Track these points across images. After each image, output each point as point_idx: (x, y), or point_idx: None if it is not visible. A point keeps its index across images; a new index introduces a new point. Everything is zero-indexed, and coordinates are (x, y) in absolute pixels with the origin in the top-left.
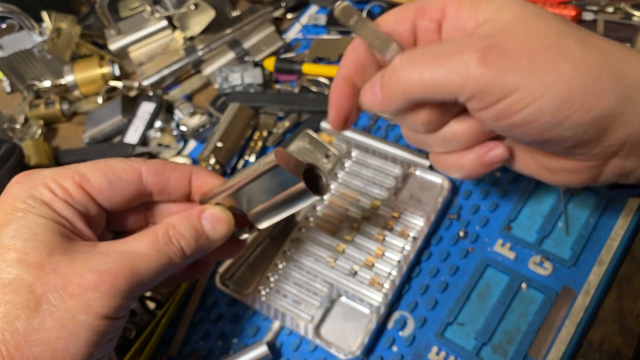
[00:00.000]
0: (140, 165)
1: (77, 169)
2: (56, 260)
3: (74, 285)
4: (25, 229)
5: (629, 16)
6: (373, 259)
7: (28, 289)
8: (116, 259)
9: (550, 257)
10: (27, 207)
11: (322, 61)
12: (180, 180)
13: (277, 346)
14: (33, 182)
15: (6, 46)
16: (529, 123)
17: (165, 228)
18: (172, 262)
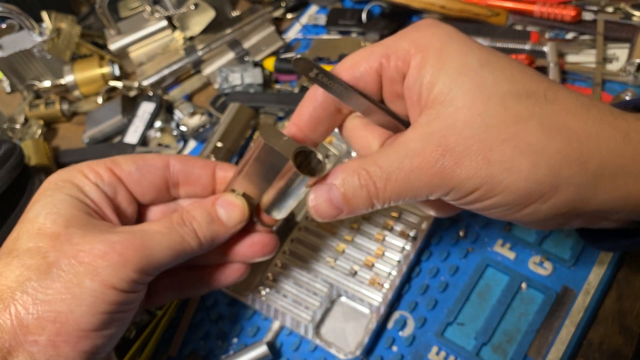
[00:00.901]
0: (168, 155)
1: (110, 158)
2: (72, 232)
3: (84, 253)
4: (49, 205)
5: (629, 16)
6: (373, 259)
7: (42, 255)
8: (128, 234)
9: (550, 257)
10: (56, 186)
11: (322, 61)
12: (204, 169)
13: (277, 346)
14: (69, 170)
15: (6, 46)
16: (491, 208)
17: (180, 212)
18: (186, 242)
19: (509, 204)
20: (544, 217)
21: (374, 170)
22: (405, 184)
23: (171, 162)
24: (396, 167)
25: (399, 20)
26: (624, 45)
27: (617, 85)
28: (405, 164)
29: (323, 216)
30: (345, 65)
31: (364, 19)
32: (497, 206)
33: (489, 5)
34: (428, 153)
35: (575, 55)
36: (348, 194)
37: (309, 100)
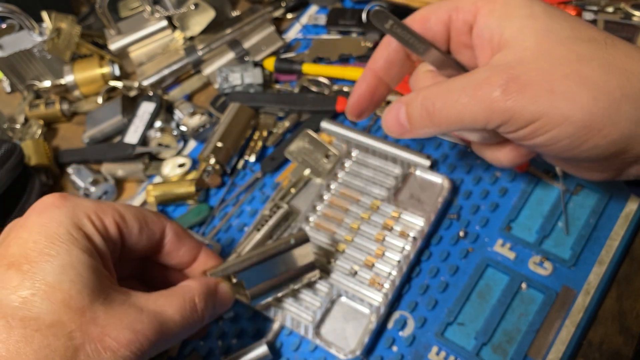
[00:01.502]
0: (166, 221)
1: (117, 207)
2: (96, 308)
3: (110, 339)
4: (70, 268)
5: (629, 16)
6: (373, 259)
7: (68, 336)
8: (150, 320)
9: (550, 257)
10: (71, 239)
11: (322, 61)
12: (191, 250)
13: (277, 346)
14: (75, 211)
15: (6, 46)
16: (548, 145)
17: (191, 295)
18: (191, 329)
19: (568, 138)
20: (602, 156)
21: (436, 91)
22: (465, 106)
23: (167, 230)
24: (459, 89)
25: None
26: None
27: None
28: (469, 87)
29: (390, 131)
30: (416, 17)
31: (364, 19)
32: (557, 140)
33: None
34: (493, 79)
35: None
36: (410, 111)
37: (383, 47)
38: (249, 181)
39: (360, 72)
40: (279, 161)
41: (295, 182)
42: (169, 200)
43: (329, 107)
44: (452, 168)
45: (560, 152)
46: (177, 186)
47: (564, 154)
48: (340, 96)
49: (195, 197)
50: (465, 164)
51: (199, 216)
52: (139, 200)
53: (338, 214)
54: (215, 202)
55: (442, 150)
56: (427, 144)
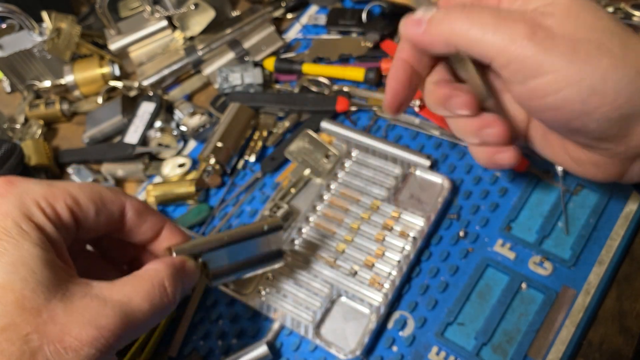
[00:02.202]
0: (125, 198)
1: (70, 190)
2: (54, 306)
3: (71, 338)
4: (21, 265)
5: (629, 16)
6: (373, 259)
7: (23, 339)
8: (115, 312)
9: (550, 257)
10: (20, 232)
11: (322, 61)
12: (154, 226)
13: (277, 346)
14: (23, 199)
15: (6, 46)
16: (558, 108)
17: (160, 279)
18: (162, 314)
19: (580, 101)
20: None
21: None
22: (488, 30)
23: (127, 208)
24: (487, 14)
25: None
26: None
27: None
28: (499, 17)
29: (404, 26)
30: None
31: (364, 19)
32: (568, 102)
33: None
34: (524, 19)
35: None
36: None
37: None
38: (249, 181)
39: (360, 72)
40: (279, 161)
41: (295, 182)
42: (169, 200)
43: (329, 107)
44: (452, 168)
45: (569, 121)
46: (177, 186)
47: (572, 123)
48: (340, 96)
49: (195, 197)
50: (465, 164)
51: (199, 216)
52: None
53: (338, 214)
54: (215, 202)
55: (442, 150)
56: (427, 144)
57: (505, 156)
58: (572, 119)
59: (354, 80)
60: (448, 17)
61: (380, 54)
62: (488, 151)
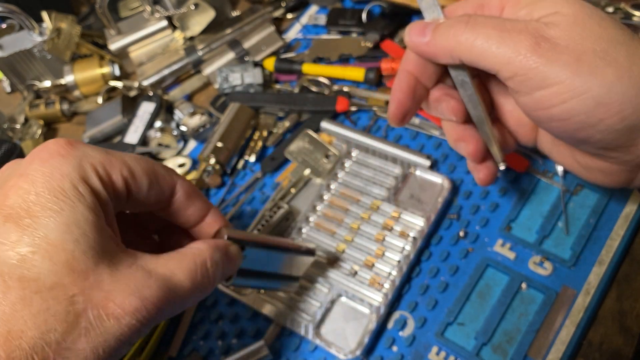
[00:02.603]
0: (177, 178)
1: (126, 160)
2: (101, 271)
3: (115, 305)
4: (75, 227)
5: (629, 16)
6: (373, 259)
7: (69, 300)
8: (159, 285)
9: (550, 257)
10: (76, 194)
11: (322, 61)
12: (200, 210)
13: (277, 346)
14: (82, 162)
15: (6, 46)
16: (564, 119)
17: (203, 259)
18: (201, 294)
19: (585, 113)
20: (616, 142)
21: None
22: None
23: (177, 188)
24: (500, 22)
25: (399, 20)
26: None
27: None
28: (505, 25)
29: (409, 35)
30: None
31: (364, 19)
32: (573, 114)
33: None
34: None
35: None
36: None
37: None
38: (249, 181)
39: (360, 72)
40: (279, 161)
41: (295, 182)
42: None
43: (329, 107)
44: (452, 168)
45: (574, 132)
46: None
47: (578, 134)
48: (340, 96)
49: None
50: (465, 164)
51: None
52: None
53: (338, 214)
54: (215, 202)
55: (442, 150)
56: (427, 144)
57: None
58: (577, 130)
59: (354, 80)
60: (453, 28)
61: (380, 54)
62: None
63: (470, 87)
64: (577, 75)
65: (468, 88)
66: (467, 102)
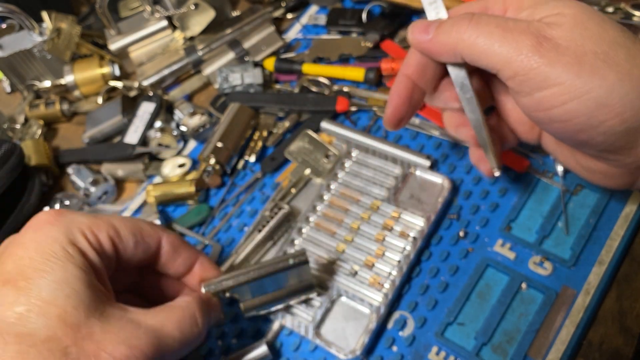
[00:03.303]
0: (162, 233)
1: (112, 223)
2: (92, 324)
3: (106, 354)
4: (65, 284)
5: (629, 16)
6: (373, 259)
7: (63, 351)
8: (147, 336)
9: (550, 257)
10: (65, 255)
11: (322, 61)
12: (187, 260)
13: (277, 346)
14: (70, 227)
15: (6, 46)
16: (565, 120)
17: (192, 311)
18: (191, 344)
19: (586, 114)
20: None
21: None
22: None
23: (163, 242)
24: (502, 22)
25: (399, 20)
26: None
27: None
28: (508, 24)
29: (412, 32)
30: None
31: (364, 19)
32: (574, 115)
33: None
34: (530, 31)
35: None
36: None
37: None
38: (249, 181)
39: (360, 72)
40: (279, 161)
41: (295, 182)
42: (169, 201)
43: (329, 107)
44: (452, 168)
45: (575, 133)
46: (177, 186)
47: (579, 136)
48: (340, 96)
49: (195, 197)
50: (465, 164)
51: (199, 216)
52: (139, 201)
53: (338, 214)
54: (215, 202)
55: (442, 150)
56: (427, 144)
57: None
58: (578, 132)
59: (354, 80)
60: (456, 25)
61: (380, 54)
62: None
63: (469, 90)
64: (578, 76)
65: (467, 91)
66: (466, 105)
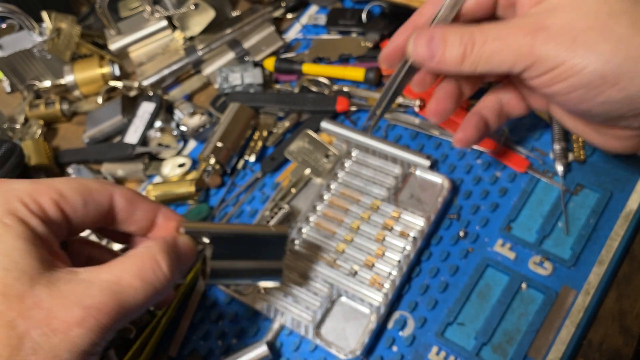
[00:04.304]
0: (113, 188)
1: (54, 185)
2: (38, 292)
3: (58, 320)
4: (4, 256)
5: None
6: (373, 259)
7: (9, 325)
8: (103, 292)
9: (550, 257)
10: (3, 226)
11: (322, 61)
12: (147, 213)
13: (277, 346)
14: (7, 196)
15: (6, 46)
16: (565, 93)
17: (151, 254)
18: (158, 292)
19: (584, 87)
20: (618, 112)
21: (477, 32)
22: (498, 48)
23: (115, 197)
24: (495, 32)
25: (399, 20)
26: None
27: None
28: (503, 31)
29: (418, 53)
30: None
31: (364, 19)
32: (573, 88)
33: None
34: (525, 26)
35: None
36: (447, 39)
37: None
38: (249, 181)
39: (360, 72)
40: (279, 161)
41: (295, 182)
42: (169, 200)
43: (329, 107)
44: (452, 168)
45: (577, 103)
46: (177, 186)
47: (580, 106)
48: (340, 96)
49: (195, 197)
50: (465, 164)
51: (199, 216)
52: None
53: (338, 214)
54: (215, 202)
55: (442, 150)
56: (427, 144)
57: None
58: (578, 103)
59: (354, 80)
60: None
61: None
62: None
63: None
64: (574, 54)
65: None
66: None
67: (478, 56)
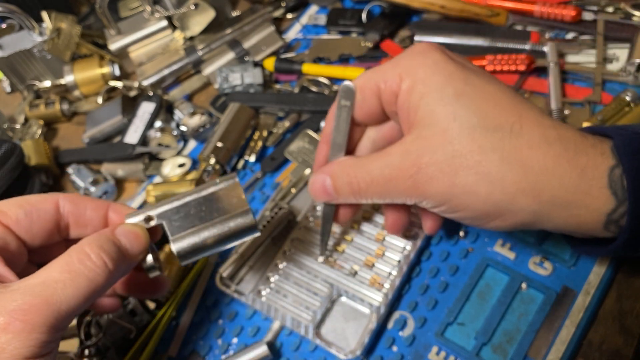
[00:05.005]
0: (57, 195)
1: None
2: None
3: None
4: None
5: (629, 16)
6: (373, 259)
7: None
8: (26, 294)
9: (550, 257)
10: None
11: (322, 61)
12: (96, 211)
13: (277, 346)
14: None
15: (6, 46)
16: (459, 220)
17: (79, 247)
18: (94, 281)
19: (472, 219)
20: (508, 229)
21: (361, 174)
22: (384, 189)
23: (61, 202)
24: (378, 174)
25: (399, 20)
26: (624, 45)
27: (617, 85)
28: (385, 173)
29: (317, 198)
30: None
31: (364, 19)
32: (464, 219)
33: (489, 5)
34: (405, 168)
35: (576, 55)
36: (337, 186)
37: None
38: (249, 181)
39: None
40: (279, 161)
41: (295, 182)
42: None
43: (329, 107)
44: None
45: (473, 225)
46: (177, 186)
47: (475, 226)
48: None
49: None
50: None
51: None
52: (139, 200)
53: None
54: None
55: None
56: None
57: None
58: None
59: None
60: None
61: (380, 54)
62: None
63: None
64: (454, 197)
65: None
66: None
67: (369, 196)
